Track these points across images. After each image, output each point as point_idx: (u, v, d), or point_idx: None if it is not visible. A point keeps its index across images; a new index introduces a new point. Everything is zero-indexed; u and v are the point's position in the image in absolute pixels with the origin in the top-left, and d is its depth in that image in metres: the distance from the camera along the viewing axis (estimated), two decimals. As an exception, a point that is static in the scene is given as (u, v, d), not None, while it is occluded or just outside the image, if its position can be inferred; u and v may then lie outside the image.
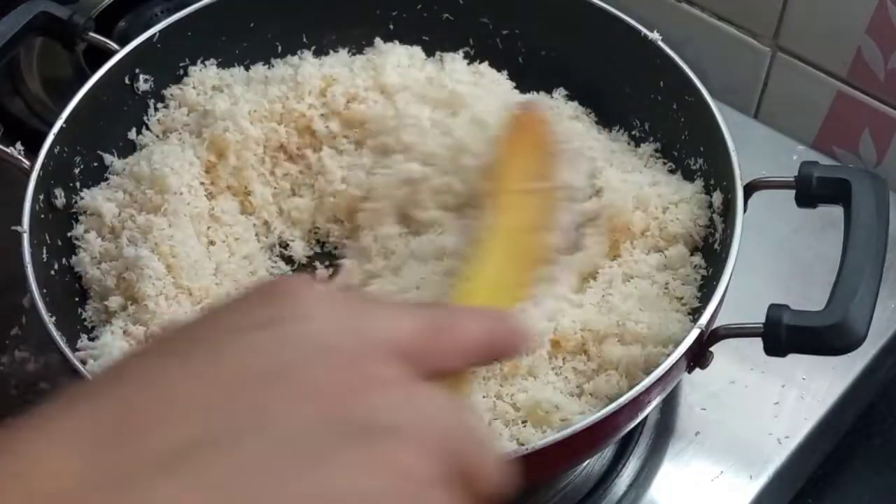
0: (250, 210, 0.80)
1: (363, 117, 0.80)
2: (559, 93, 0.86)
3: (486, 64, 0.86)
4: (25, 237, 0.68)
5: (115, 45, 0.81)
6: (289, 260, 0.80)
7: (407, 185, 0.76)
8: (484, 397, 0.66)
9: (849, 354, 0.62)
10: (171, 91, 0.83)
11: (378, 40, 0.87)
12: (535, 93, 0.86)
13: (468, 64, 0.86)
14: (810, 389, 0.80)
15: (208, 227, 0.76)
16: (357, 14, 0.87)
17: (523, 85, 0.86)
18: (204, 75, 0.84)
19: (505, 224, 0.62)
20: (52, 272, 0.72)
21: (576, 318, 0.69)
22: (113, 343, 0.69)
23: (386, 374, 0.35)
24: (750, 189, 0.71)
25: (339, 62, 0.85)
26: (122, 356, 0.38)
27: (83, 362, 0.66)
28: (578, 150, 0.70)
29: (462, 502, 0.35)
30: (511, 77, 0.86)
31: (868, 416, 0.88)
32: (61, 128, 0.74)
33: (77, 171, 0.77)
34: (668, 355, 0.62)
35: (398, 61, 0.83)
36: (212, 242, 0.75)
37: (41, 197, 0.72)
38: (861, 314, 0.61)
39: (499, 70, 0.86)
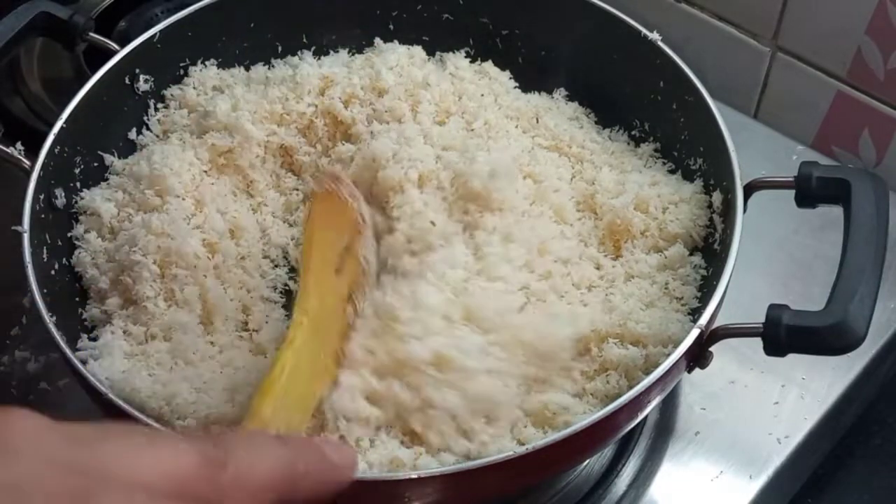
0: (252, 211, 0.80)
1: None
2: (559, 93, 0.86)
3: (489, 62, 0.86)
4: (26, 237, 0.68)
5: (115, 46, 0.81)
6: (292, 269, 0.80)
7: None
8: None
9: (848, 354, 0.62)
10: (172, 91, 0.83)
11: (378, 40, 0.87)
12: (535, 93, 0.86)
13: (470, 63, 0.86)
14: (810, 389, 0.80)
15: (209, 229, 0.76)
16: (357, 14, 0.88)
17: (523, 85, 0.86)
18: (204, 75, 0.84)
19: (314, 307, 0.62)
20: (53, 272, 0.72)
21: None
22: (113, 343, 0.69)
23: None
24: (750, 189, 0.71)
25: (338, 62, 0.85)
26: None
27: (83, 362, 0.66)
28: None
29: None
30: (511, 77, 0.86)
31: (868, 416, 0.88)
32: (62, 128, 0.74)
33: (77, 171, 0.77)
34: (668, 355, 0.62)
35: (398, 61, 0.83)
36: (211, 244, 0.75)
37: (41, 197, 0.72)
38: (861, 314, 0.61)
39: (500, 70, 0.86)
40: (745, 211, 0.69)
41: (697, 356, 0.66)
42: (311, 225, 0.67)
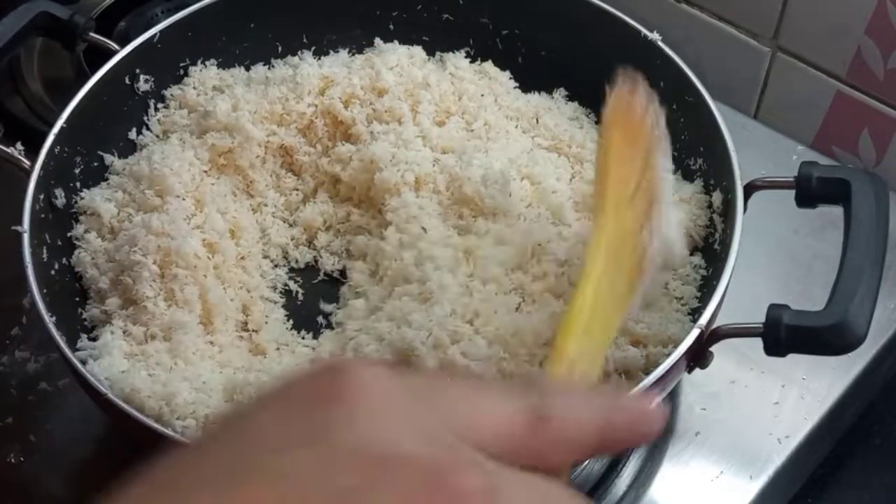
0: (252, 211, 0.80)
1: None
2: (559, 93, 0.86)
3: (489, 62, 0.86)
4: (26, 237, 0.68)
5: (115, 46, 0.81)
6: (292, 269, 0.80)
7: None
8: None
9: (848, 354, 0.62)
10: (172, 91, 0.83)
11: (378, 40, 0.87)
12: (535, 93, 0.86)
13: (470, 63, 0.86)
14: (810, 389, 0.80)
15: (209, 229, 0.76)
16: (357, 14, 0.88)
17: (524, 85, 0.86)
18: (204, 75, 0.84)
19: (611, 231, 0.58)
20: (53, 272, 0.72)
21: None
22: (113, 343, 0.69)
23: (474, 487, 0.28)
24: (750, 189, 0.71)
25: (338, 62, 0.85)
26: (139, 487, 0.30)
27: (83, 362, 0.66)
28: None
29: None
30: (511, 77, 0.86)
31: (868, 416, 0.88)
32: (62, 128, 0.74)
33: (77, 171, 0.77)
34: (668, 355, 0.62)
35: (398, 61, 0.83)
36: (211, 244, 0.75)
37: (41, 197, 0.72)
38: (861, 314, 0.61)
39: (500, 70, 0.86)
40: (745, 211, 0.69)
41: (698, 356, 0.66)
42: (607, 147, 0.61)
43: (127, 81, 0.81)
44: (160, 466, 0.30)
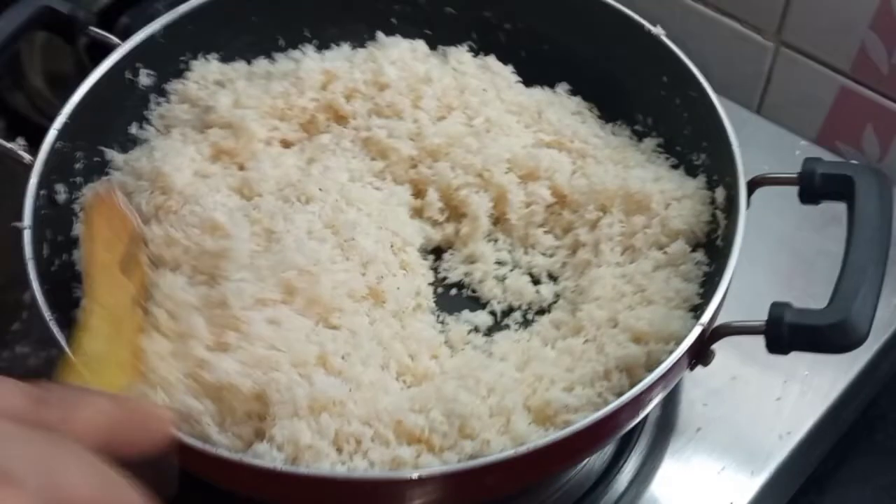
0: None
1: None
2: (562, 87, 0.86)
3: (492, 57, 0.86)
4: (27, 233, 0.68)
5: (116, 40, 0.81)
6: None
7: None
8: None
9: (851, 351, 0.62)
10: (173, 86, 0.83)
11: (380, 34, 0.86)
12: (538, 87, 0.86)
13: (473, 57, 0.86)
14: (812, 385, 0.80)
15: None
16: (359, 8, 0.87)
17: (526, 80, 0.86)
18: (206, 70, 0.84)
19: (102, 301, 0.64)
20: (54, 268, 0.72)
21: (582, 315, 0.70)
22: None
23: None
24: (753, 185, 0.71)
25: (340, 56, 0.85)
26: None
27: (85, 358, 0.66)
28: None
29: None
30: (514, 71, 0.86)
31: (870, 413, 0.88)
32: (63, 123, 0.74)
33: (79, 166, 0.77)
34: (670, 353, 0.62)
35: (400, 55, 0.83)
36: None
37: (43, 192, 0.72)
38: (863, 312, 0.61)
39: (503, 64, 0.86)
40: (747, 207, 0.69)
41: (699, 354, 0.65)
42: (91, 225, 0.68)
43: (128, 76, 0.81)
44: None
